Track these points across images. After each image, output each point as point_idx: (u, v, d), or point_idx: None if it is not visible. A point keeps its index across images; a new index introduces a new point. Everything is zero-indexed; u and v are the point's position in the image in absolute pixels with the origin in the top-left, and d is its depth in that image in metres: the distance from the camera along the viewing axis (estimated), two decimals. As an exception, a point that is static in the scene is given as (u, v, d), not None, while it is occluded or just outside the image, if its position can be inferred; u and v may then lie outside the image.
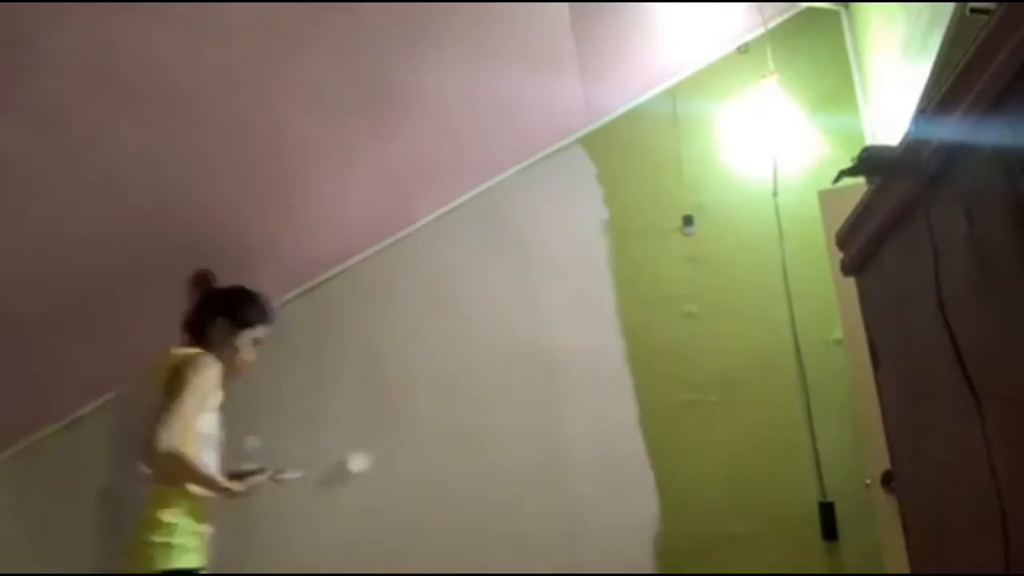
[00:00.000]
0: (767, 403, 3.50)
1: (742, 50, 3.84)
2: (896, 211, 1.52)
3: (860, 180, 1.75)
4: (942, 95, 1.27)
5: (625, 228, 3.76)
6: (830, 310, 3.24)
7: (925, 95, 1.55)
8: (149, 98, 2.59)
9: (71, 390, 3.50)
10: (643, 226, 3.76)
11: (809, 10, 3.85)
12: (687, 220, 3.73)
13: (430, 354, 3.70)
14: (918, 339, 1.51)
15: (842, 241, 1.92)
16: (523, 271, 3.77)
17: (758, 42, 3.80)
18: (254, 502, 3.56)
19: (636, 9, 3.42)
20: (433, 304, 3.76)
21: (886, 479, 2.73)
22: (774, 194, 3.66)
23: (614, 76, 3.70)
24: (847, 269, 1.93)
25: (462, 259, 3.80)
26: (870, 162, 1.59)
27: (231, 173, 3.04)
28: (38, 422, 3.54)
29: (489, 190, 3.85)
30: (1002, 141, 1.12)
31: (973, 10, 1.99)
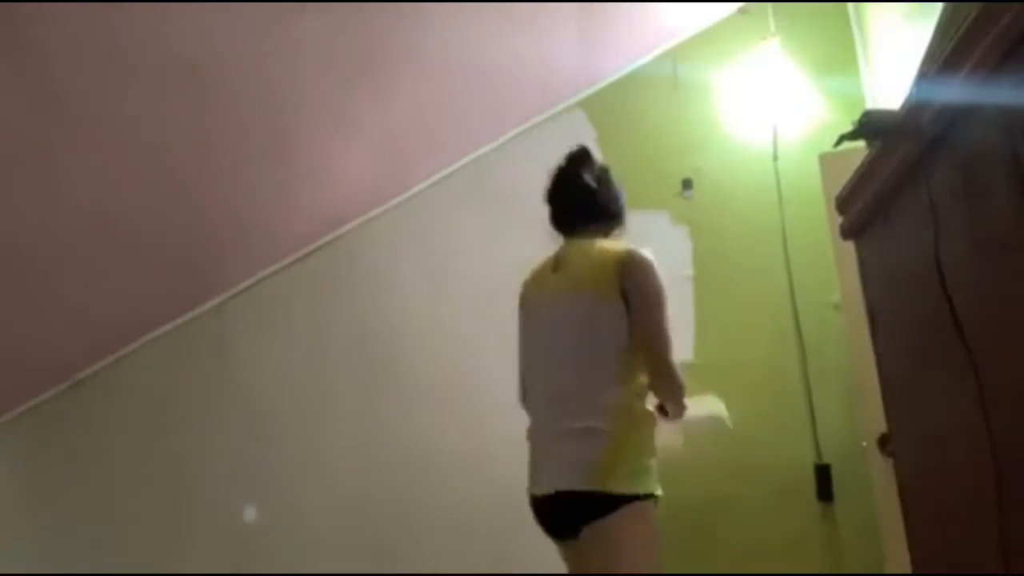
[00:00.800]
0: (765, 366, 3.52)
1: (743, 12, 3.81)
2: (896, 175, 1.52)
3: (861, 144, 1.74)
4: (944, 58, 1.26)
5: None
6: (828, 274, 3.25)
7: (927, 58, 1.54)
8: (146, 65, 2.57)
9: (77, 351, 3.52)
10: (642, 190, 3.75)
11: (811, -29, 3.81)
12: (686, 184, 3.72)
13: (427, 317, 3.71)
14: (916, 303, 1.51)
15: (842, 205, 1.91)
16: (522, 235, 3.75)
17: (759, 3, 3.77)
18: (259, 445, 3.60)
19: (636, -30, 3.38)
20: (431, 269, 3.76)
21: (882, 442, 2.76)
22: (774, 158, 3.65)
23: (614, 39, 3.67)
24: (846, 233, 1.92)
25: (460, 224, 3.79)
26: (871, 126, 1.58)
27: (227, 138, 3.03)
28: (44, 383, 3.56)
29: (488, 154, 3.83)
30: (1005, 103, 1.11)
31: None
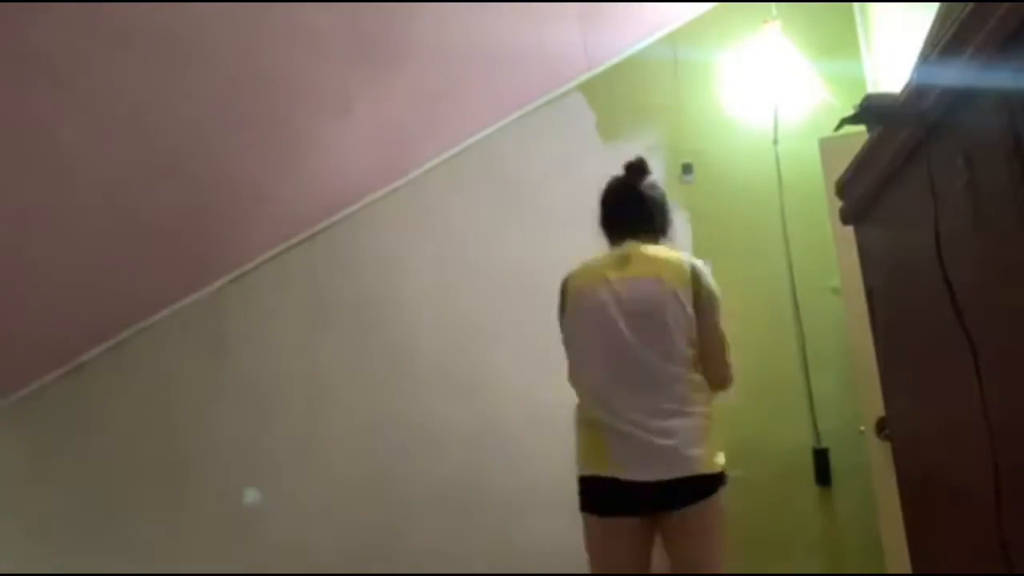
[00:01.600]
0: (764, 350, 3.52)
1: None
2: (897, 159, 1.52)
3: (861, 128, 1.74)
4: (946, 42, 1.26)
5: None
6: (828, 258, 3.25)
7: (928, 42, 1.54)
8: (152, 46, 2.56)
9: (75, 336, 3.53)
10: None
11: (812, -46, 3.79)
12: (686, 169, 3.71)
13: (429, 300, 3.71)
14: (915, 287, 1.51)
15: (842, 189, 1.92)
16: (521, 218, 3.76)
17: (761, -13, 3.75)
18: (259, 429, 3.61)
19: (637, -47, 3.37)
20: (432, 250, 3.76)
21: (880, 426, 2.76)
22: (774, 142, 3.64)
23: (614, 22, 3.65)
24: (846, 218, 1.93)
25: (461, 206, 3.79)
26: (871, 110, 1.58)
27: (233, 120, 3.02)
28: (45, 367, 3.57)
29: (488, 137, 3.82)
30: (1005, 87, 1.11)
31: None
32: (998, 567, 1.23)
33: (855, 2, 3.72)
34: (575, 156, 3.76)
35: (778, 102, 3.64)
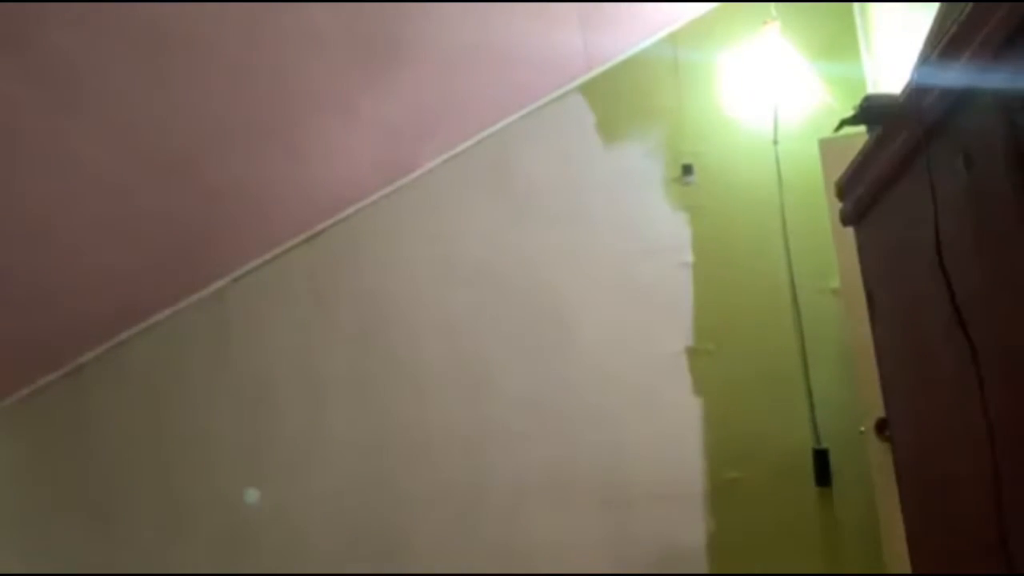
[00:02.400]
0: (763, 351, 3.52)
1: (744, -4, 3.79)
2: (896, 160, 1.51)
3: (861, 129, 1.74)
4: (945, 43, 1.26)
5: (624, 177, 3.75)
6: (828, 259, 3.25)
7: (928, 43, 1.54)
8: (151, 48, 2.56)
9: (75, 337, 3.53)
10: (641, 176, 3.74)
11: (812, -45, 3.79)
12: (686, 170, 3.71)
13: (429, 300, 3.71)
14: (915, 288, 1.51)
15: (842, 190, 1.92)
16: (521, 218, 3.76)
17: (761, -12, 3.75)
18: (259, 430, 3.61)
19: (637, -47, 3.36)
20: (433, 250, 3.76)
21: (880, 427, 2.76)
22: (774, 142, 3.64)
23: (615, 23, 3.65)
24: (846, 219, 1.92)
25: (462, 207, 3.79)
26: (871, 111, 1.58)
27: (234, 121, 3.02)
28: (44, 368, 3.57)
29: (488, 138, 3.82)
30: (1005, 88, 1.11)
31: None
32: (998, 567, 1.23)
33: (855, 2, 3.72)
34: (575, 157, 3.76)
35: (778, 103, 3.64)
